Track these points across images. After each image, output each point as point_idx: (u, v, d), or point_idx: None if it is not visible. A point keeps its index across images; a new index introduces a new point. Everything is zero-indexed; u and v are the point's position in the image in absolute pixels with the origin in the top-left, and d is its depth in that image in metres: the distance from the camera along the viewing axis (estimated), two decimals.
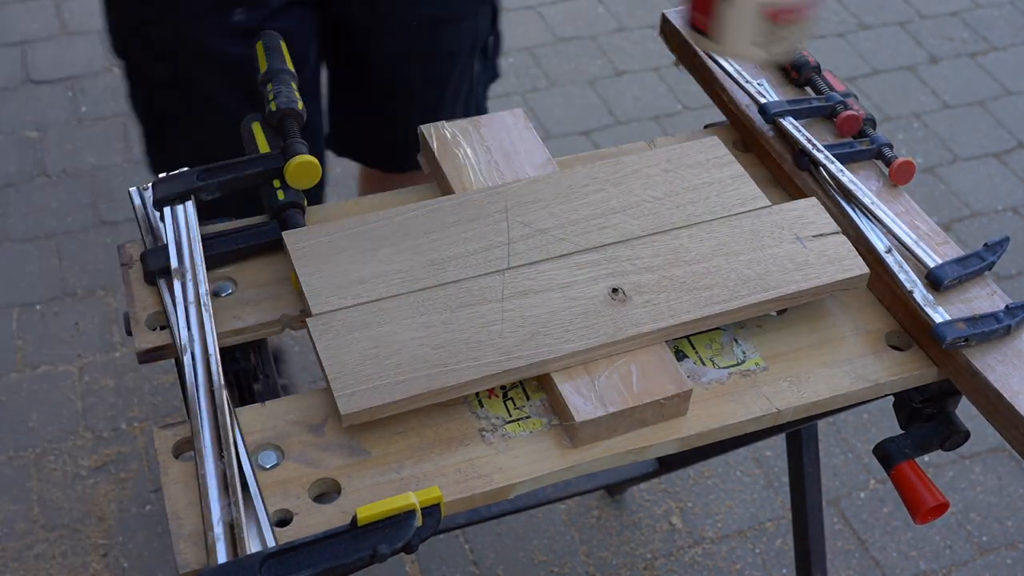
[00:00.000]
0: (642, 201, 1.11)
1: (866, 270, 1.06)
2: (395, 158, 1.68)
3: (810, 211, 1.11)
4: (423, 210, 1.08)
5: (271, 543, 0.86)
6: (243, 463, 0.92)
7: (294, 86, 1.19)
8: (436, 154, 1.16)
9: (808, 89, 1.29)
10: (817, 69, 1.27)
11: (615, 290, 1.03)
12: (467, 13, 1.54)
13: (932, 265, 1.06)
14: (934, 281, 1.05)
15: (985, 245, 1.09)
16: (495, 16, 1.60)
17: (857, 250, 1.08)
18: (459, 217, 1.08)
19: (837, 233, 1.09)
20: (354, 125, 1.66)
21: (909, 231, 1.10)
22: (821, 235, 1.08)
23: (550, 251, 1.05)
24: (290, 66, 1.22)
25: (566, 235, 1.07)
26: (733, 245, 1.07)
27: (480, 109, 1.69)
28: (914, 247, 1.08)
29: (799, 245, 1.07)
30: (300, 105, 1.17)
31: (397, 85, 1.57)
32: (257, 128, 1.16)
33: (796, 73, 1.28)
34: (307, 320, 0.99)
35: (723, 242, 1.07)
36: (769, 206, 1.12)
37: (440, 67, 1.56)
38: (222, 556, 0.85)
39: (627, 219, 1.09)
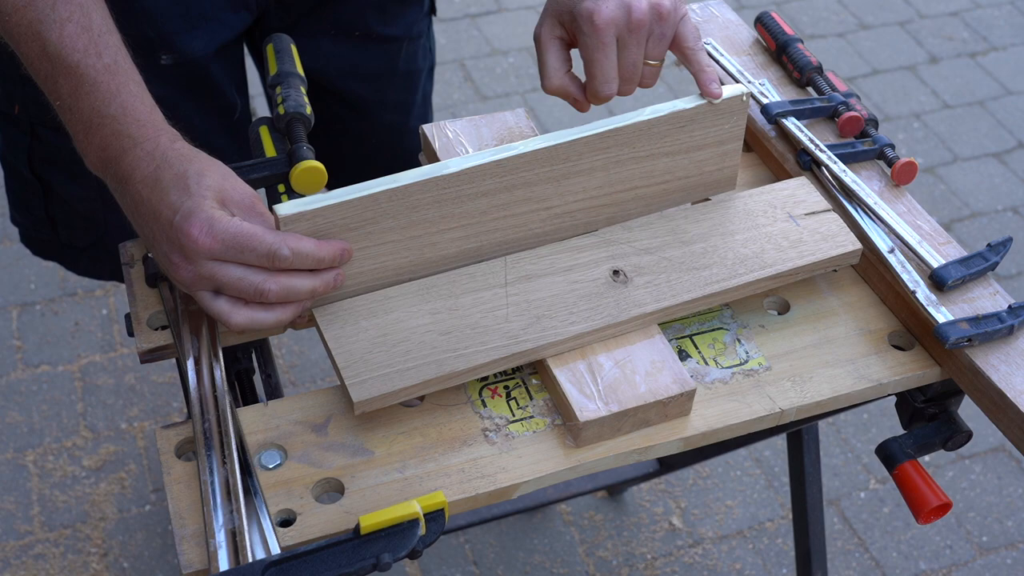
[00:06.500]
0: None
1: (859, 245, 1.08)
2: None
3: (801, 190, 1.13)
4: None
5: (274, 548, 0.86)
6: (246, 467, 0.92)
7: (303, 90, 1.18)
8: (438, 153, 1.16)
9: (810, 90, 1.28)
10: (819, 69, 1.27)
11: (616, 272, 1.04)
12: (421, 31, 1.45)
13: (936, 265, 1.06)
14: (938, 281, 1.05)
15: (988, 245, 1.09)
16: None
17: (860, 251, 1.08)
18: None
19: (828, 211, 1.10)
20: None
21: (912, 231, 1.10)
22: (813, 213, 1.10)
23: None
24: (300, 70, 1.21)
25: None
26: (728, 225, 1.08)
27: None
28: (917, 247, 1.08)
29: (792, 223, 1.09)
30: (308, 109, 1.16)
31: (347, 105, 1.46)
32: (264, 132, 1.16)
33: (798, 73, 1.28)
34: (314, 310, 0.99)
35: (718, 222, 1.08)
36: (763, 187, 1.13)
37: (394, 84, 1.47)
38: (224, 563, 0.85)
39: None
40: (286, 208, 0.93)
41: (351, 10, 1.36)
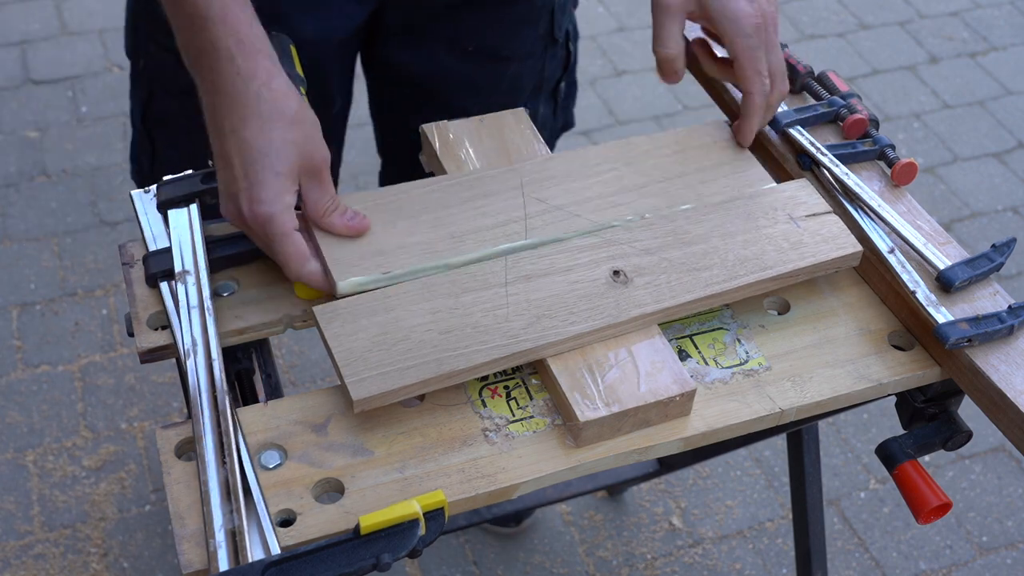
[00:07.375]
0: (653, 181, 1.12)
1: (859, 248, 1.08)
2: None
3: (801, 192, 1.13)
4: (440, 184, 1.09)
5: (274, 548, 0.86)
6: (246, 468, 0.92)
7: (302, 91, 1.18)
8: (439, 154, 1.16)
9: (805, 94, 1.29)
10: (811, 74, 1.28)
11: (616, 272, 1.04)
12: (531, 52, 1.48)
13: (941, 267, 1.06)
14: (945, 283, 1.05)
15: (993, 246, 1.09)
16: (568, 62, 1.54)
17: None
18: (475, 192, 1.09)
19: (829, 213, 1.11)
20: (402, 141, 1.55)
21: (916, 232, 1.10)
22: (814, 215, 1.10)
23: (566, 227, 1.07)
24: (299, 71, 1.21)
25: (581, 212, 1.08)
26: (729, 226, 1.08)
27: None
28: (923, 249, 1.08)
29: (793, 225, 1.09)
30: None
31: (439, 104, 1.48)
32: None
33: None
34: (314, 308, 0.99)
35: (719, 223, 1.09)
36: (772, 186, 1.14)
37: (494, 99, 1.48)
38: (224, 563, 0.85)
39: (638, 198, 1.10)
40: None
41: (468, 25, 1.39)
